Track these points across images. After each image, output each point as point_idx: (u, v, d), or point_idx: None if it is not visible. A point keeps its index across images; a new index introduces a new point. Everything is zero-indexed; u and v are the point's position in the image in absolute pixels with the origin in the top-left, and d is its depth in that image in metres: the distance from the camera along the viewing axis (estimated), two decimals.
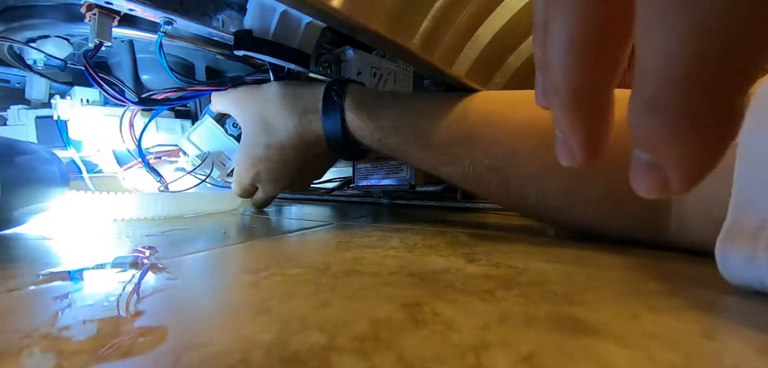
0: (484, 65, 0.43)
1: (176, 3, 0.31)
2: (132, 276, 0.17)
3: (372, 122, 0.32)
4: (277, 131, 0.34)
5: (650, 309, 0.14)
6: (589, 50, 0.10)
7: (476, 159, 0.30)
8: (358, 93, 0.33)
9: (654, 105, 0.08)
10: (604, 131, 0.11)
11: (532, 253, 0.23)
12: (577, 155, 0.11)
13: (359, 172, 0.53)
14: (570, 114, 0.11)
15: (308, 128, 0.34)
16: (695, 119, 0.08)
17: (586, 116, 0.10)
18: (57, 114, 0.37)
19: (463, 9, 0.37)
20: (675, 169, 0.09)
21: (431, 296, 0.15)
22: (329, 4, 0.29)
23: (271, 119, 0.34)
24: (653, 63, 0.08)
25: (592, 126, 0.11)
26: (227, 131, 0.41)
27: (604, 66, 0.10)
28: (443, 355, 0.10)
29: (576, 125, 0.11)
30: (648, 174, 0.09)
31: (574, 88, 0.10)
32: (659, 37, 0.08)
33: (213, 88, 0.39)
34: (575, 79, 0.10)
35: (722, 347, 0.11)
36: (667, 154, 0.08)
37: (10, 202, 0.24)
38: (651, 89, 0.08)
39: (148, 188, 0.41)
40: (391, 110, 0.32)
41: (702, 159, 0.08)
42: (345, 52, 0.38)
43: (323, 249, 0.23)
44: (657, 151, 0.09)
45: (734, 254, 0.16)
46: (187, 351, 0.10)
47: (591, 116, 0.11)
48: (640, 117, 0.08)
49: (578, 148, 0.11)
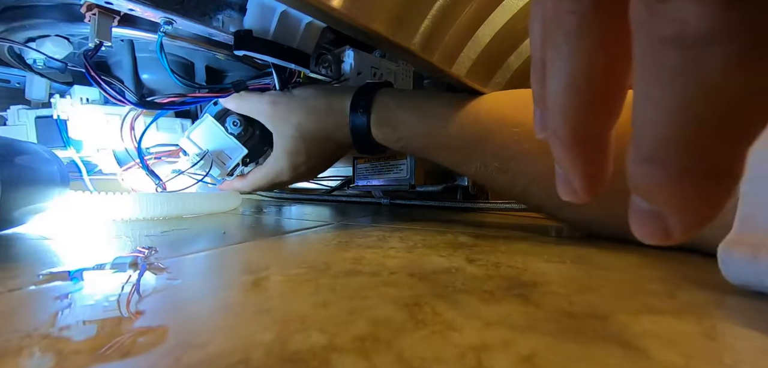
0: (484, 65, 0.43)
1: (176, 3, 0.31)
2: (132, 275, 0.17)
3: (394, 132, 0.36)
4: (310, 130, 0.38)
5: (650, 309, 0.14)
6: (587, 95, 0.10)
7: (486, 160, 0.32)
8: (381, 103, 0.36)
9: (652, 157, 0.08)
10: (604, 166, 0.11)
11: (532, 253, 0.23)
12: (578, 191, 0.11)
13: (359, 172, 0.53)
14: (570, 153, 0.11)
15: (338, 131, 0.38)
16: (693, 173, 0.08)
17: (587, 155, 0.11)
18: (57, 113, 0.37)
19: (463, 9, 0.37)
20: (675, 218, 0.09)
21: (431, 296, 0.15)
22: (329, 4, 0.29)
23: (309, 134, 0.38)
24: (651, 118, 0.08)
25: (592, 164, 0.11)
26: (228, 130, 0.41)
27: (603, 110, 0.10)
28: (443, 355, 0.10)
29: (576, 163, 0.11)
30: (649, 222, 0.09)
31: (573, 130, 0.10)
32: (657, 96, 0.08)
33: (216, 94, 0.39)
34: (574, 122, 0.10)
35: (722, 347, 0.11)
36: (667, 204, 0.08)
37: (10, 202, 0.24)
38: (649, 143, 0.08)
39: (147, 188, 0.41)
40: (409, 118, 0.35)
41: (702, 210, 0.08)
42: (345, 52, 0.38)
43: (323, 249, 0.23)
44: (657, 201, 0.09)
45: (736, 255, 0.16)
46: (187, 351, 0.10)
47: (591, 155, 0.11)
48: (638, 168, 0.08)
49: (579, 185, 0.11)
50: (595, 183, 0.11)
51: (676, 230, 0.09)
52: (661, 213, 0.09)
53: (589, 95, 0.10)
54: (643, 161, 0.08)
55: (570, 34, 0.09)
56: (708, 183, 0.08)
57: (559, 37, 0.09)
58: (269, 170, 0.41)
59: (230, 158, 0.41)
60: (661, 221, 0.09)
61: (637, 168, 0.08)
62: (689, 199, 0.08)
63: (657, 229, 0.09)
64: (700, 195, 0.08)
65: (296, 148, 0.39)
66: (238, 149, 0.41)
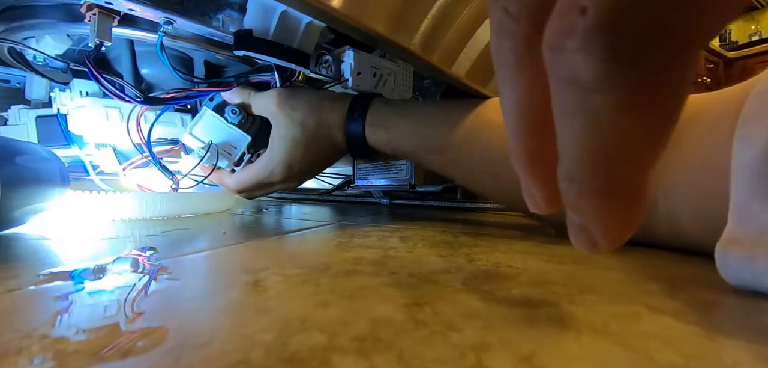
0: (484, 65, 0.43)
1: (176, 3, 0.31)
2: (132, 276, 0.17)
3: (386, 133, 0.37)
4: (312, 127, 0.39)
5: (650, 309, 0.14)
6: (531, 119, 0.11)
7: (473, 162, 0.33)
8: (377, 106, 0.38)
9: (570, 177, 0.09)
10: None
11: (532, 253, 0.23)
12: (540, 204, 0.12)
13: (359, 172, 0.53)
14: (525, 170, 0.12)
15: (337, 131, 0.39)
16: (602, 192, 0.09)
17: (541, 172, 0.11)
18: (57, 107, 0.37)
19: (463, 9, 0.37)
20: (596, 230, 0.10)
21: (431, 296, 0.15)
22: (329, 4, 0.29)
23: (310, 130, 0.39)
24: (565, 144, 0.09)
25: (548, 180, 0.11)
26: (228, 120, 0.40)
27: (545, 136, 0.11)
28: (443, 355, 0.10)
29: (533, 180, 0.12)
30: (578, 233, 0.10)
31: (526, 150, 0.11)
32: (566, 126, 0.09)
33: (218, 88, 0.39)
34: (526, 143, 0.11)
35: (722, 347, 0.11)
36: (587, 218, 0.10)
37: (10, 202, 0.24)
38: (567, 165, 0.09)
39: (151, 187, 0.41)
40: (401, 121, 0.36)
41: (616, 224, 0.10)
42: (345, 52, 0.38)
43: (323, 249, 0.23)
44: (580, 215, 0.10)
45: (733, 256, 0.16)
46: (187, 351, 0.10)
47: (545, 172, 0.11)
48: (564, 186, 0.10)
49: (539, 199, 0.12)
50: (551, 195, 0.11)
51: (600, 241, 0.10)
52: (587, 226, 0.10)
53: (530, 119, 0.11)
54: (564, 180, 0.10)
55: (509, 68, 0.11)
56: (617, 202, 0.09)
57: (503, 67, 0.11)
58: (259, 170, 0.40)
59: (235, 148, 0.41)
60: (587, 233, 0.10)
61: (562, 186, 0.10)
62: (603, 215, 0.10)
63: (585, 239, 0.10)
64: (612, 212, 0.09)
65: (296, 143, 0.39)
66: (241, 138, 0.41)
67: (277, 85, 0.39)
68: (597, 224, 0.10)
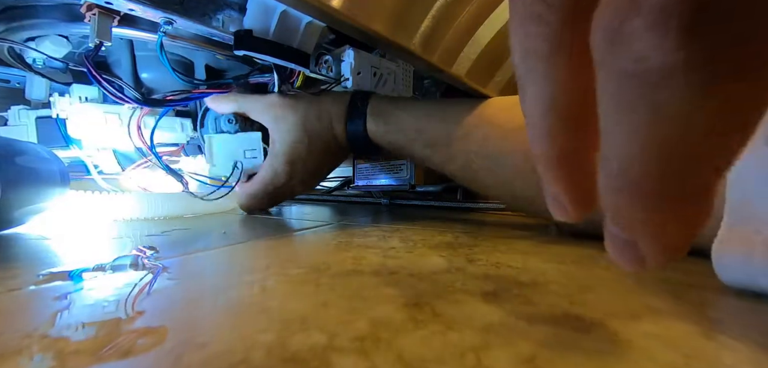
0: (484, 65, 0.43)
1: (176, 3, 0.31)
2: (132, 276, 0.17)
3: (386, 125, 0.37)
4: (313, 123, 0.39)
5: (650, 309, 0.14)
6: (564, 116, 0.09)
7: (470, 157, 0.33)
8: (377, 99, 0.38)
9: (621, 186, 0.08)
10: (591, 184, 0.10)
11: (532, 253, 0.23)
12: (568, 210, 0.11)
13: (359, 172, 0.53)
14: (554, 174, 0.10)
15: (338, 126, 0.39)
16: (662, 201, 0.08)
17: (571, 174, 0.10)
18: (56, 112, 0.37)
19: (463, 9, 0.37)
20: (648, 247, 0.08)
21: (431, 296, 0.15)
22: (329, 4, 0.29)
23: (310, 123, 0.39)
24: (616, 147, 0.08)
25: (578, 182, 0.10)
26: (230, 131, 0.41)
27: (582, 131, 0.10)
28: (443, 355, 0.10)
29: (561, 183, 0.10)
30: (622, 249, 0.09)
31: (556, 151, 0.10)
32: (621, 127, 0.07)
33: (217, 89, 0.39)
34: (555, 143, 0.10)
35: (722, 347, 0.11)
36: (639, 233, 0.08)
37: (10, 202, 0.24)
38: (617, 172, 0.08)
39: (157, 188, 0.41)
40: (401, 113, 0.37)
41: (674, 239, 0.08)
42: (345, 52, 0.38)
43: (323, 249, 0.23)
44: (628, 229, 0.08)
45: (729, 256, 0.16)
46: (187, 351, 0.10)
47: (576, 174, 0.10)
48: (609, 195, 0.08)
49: (568, 204, 0.11)
50: (583, 201, 0.10)
51: (650, 258, 0.08)
52: (634, 241, 0.08)
53: (566, 116, 0.09)
54: (612, 191, 0.08)
55: (540, 59, 0.09)
56: (679, 214, 0.08)
57: (532, 58, 0.09)
58: (264, 175, 0.40)
59: (254, 148, 0.41)
60: (634, 249, 0.08)
61: (606, 196, 0.08)
62: (659, 229, 0.08)
63: (630, 256, 0.09)
64: (670, 225, 0.08)
65: (298, 140, 0.39)
66: (252, 137, 0.41)
67: (276, 86, 0.39)
68: (651, 238, 0.08)
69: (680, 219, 0.08)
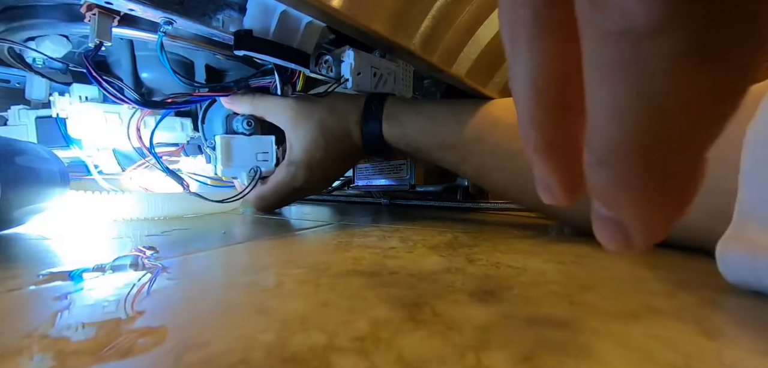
0: (484, 65, 0.43)
1: (176, 3, 0.31)
2: (132, 276, 0.17)
3: (401, 128, 0.38)
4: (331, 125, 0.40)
5: (650, 309, 0.14)
6: (550, 97, 0.09)
7: (483, 159, 0.34)
8: (393, 102, 0.39)
9: (607, 160, 0.07)
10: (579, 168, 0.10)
11: (532, 253, 0.23)
12: (556, 194, 0.10)
13: (359, 172, 0.53)
14: (540, 156, 0.10)
15: (355, 128, 0.40)
16: (647, 179, 0.07)
17: (558, 157, 0.10)
18: (56, 111, 0.37)
19: (463, 9, 0.37)
20: (634, 225, 0.08)
21: (431, 296, 0.15)
22: (329, 4, 0.29)
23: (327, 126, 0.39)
24: (600, 120, 0.07)
25: (566, 166, 0.10)
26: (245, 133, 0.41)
27: (569, 112, 0.09)
28: (443, 355, 0.10)
29: (549, 167, 0.10)
30: (609, 229, 0.08)
31: (540, 134, 0.10)
32: (605, 96, 0.07)
33: (219, 93, 0.39)
34: (540, 125, 0.10)
35: (722, 347, 0.11)
36: (625, 211, 0.08)
37: (10, 202, 0.24)
38: (601, 146, 0.07)
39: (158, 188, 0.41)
40: (416, 116, 0.37)
41: (661, 217, 0.08)
42: (345, 52, 0.38)
43: (323, 249, 0.23)
44: (613, 207, 0.08)
45: (734, 254, 0.16)
46: (187, 351, 0.10)
47: (563, 157, 0.10)
48: (594, 172, 0.08)
49: (556, 188, 0.10)
50: (572, 185, 0.10)
51: (637, 238, 0.08)
52: (621, 220, 0.08)
53: (551, 96, 0.09)
54: (597, 166, 0.08)
55: (524, 34, 0.09)
56: (666, 189, 0.07)
57: (517, 35, 0.09)
58: (280, 177, 0.40)
59: (267, 151, 0.41)
60: (621, 228, 0.08)
61: (591, 173, 0.08)
62: (645, 205, 0.08)
63: (617, 236, 0.08)
64: (657, 201, 0.08)
65: (316, 143, 0.39)
66: (265, 140, 0.41)
67: (278, 88, 0.39)
68: (636, 217, 0.08)
69: (666, 198, 0.08)
